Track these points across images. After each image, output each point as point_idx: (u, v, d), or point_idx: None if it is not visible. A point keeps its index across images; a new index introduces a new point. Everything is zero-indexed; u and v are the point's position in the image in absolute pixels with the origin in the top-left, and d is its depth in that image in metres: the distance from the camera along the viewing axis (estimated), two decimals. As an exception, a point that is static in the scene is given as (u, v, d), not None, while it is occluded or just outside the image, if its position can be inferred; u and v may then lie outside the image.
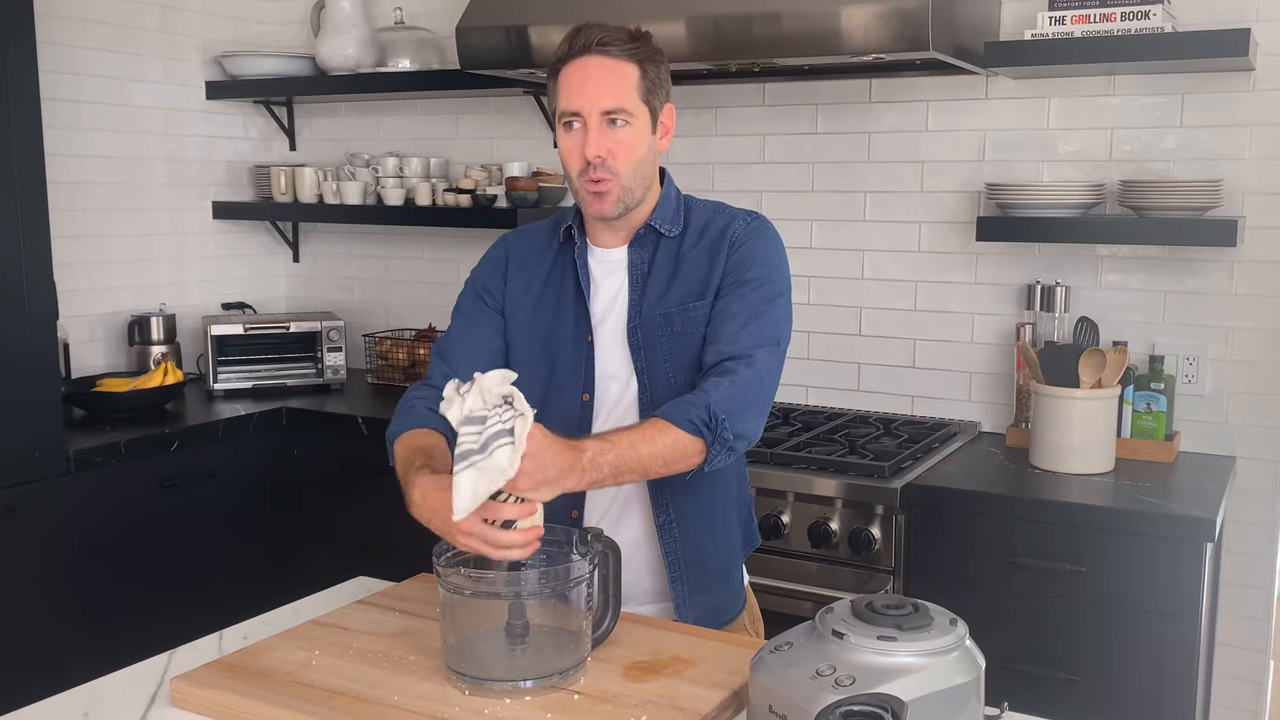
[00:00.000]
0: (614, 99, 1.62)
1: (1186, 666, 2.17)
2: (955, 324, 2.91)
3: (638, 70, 1.64)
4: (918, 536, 2.38)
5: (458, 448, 1.34)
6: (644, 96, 1.65)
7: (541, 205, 3.27)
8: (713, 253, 1.70)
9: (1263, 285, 2.57)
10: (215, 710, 1.35)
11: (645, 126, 1.66)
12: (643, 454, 1.51)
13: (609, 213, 1.67)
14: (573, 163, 1.66)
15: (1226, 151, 2.58)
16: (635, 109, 1.64)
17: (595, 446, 1.47)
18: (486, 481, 1.32)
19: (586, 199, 1.67)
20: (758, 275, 1.68)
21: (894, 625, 1.13)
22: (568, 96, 1.63)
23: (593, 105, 1.62)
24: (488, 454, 1.31)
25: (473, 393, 1.36)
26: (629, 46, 1.64)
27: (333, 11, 3.46)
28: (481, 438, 1.32)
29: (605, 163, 1.63)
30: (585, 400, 1.72)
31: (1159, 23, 2.39)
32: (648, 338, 1.70)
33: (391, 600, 1.67)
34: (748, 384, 1.60)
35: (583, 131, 1.63)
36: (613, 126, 1.63)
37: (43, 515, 2.64)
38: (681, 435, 1.54)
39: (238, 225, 3.78)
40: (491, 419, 1.33)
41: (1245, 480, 2.61)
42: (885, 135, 2.94)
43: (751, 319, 1.65)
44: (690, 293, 1.69)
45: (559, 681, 1.37)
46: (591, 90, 1.62)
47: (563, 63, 1.65)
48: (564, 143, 1.66)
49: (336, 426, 3.13)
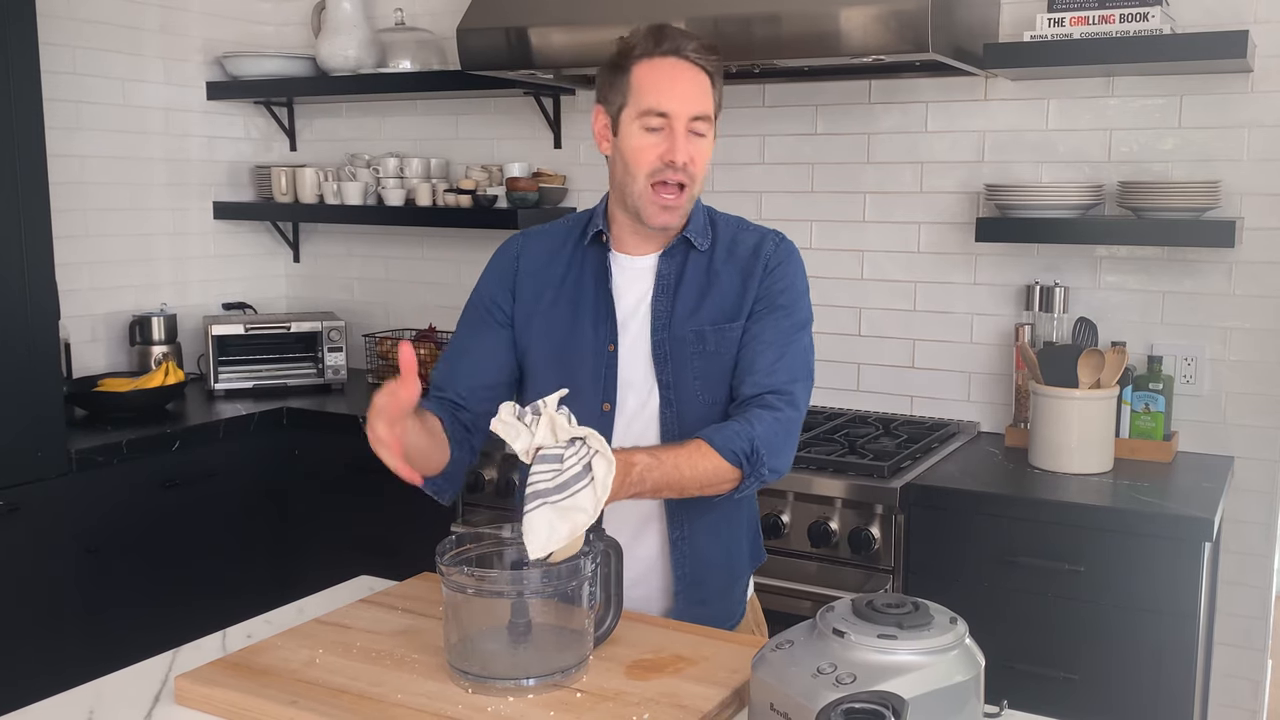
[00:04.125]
0: (702, 106, 1.62)
1: (1184, 665, 2.18)
2: (954, 324, 2.91)
3: (710, 82, 1.64)
4: (917, 536, 2.38)
5: (530, 485, 1.35)
6: (716, 109, 1.66)
7: (542, 206, 3.28)
8: (746, 274, 1.70)
9: (1261, 286, 2.58)
10: (219, 708, 1.36)
11: (712, 140, 1.67)
12: (685, 475, 1.54)
13: (674, 224, 1.66)
14: (646, 163, 1.62)
15: (1225, 153, 2.58)
16: (712, 119, 1.65)
17: (645, 462, 1.49)
18: (567, 524, 1.33)
19: (652, 210, 1.63)
20: (789, 302, 1.69)
21: (894, 624, 1.14)
22: (657, 96, 1.60)
23: (684, 109, 1.60)
24: (568, 494, 1.32)
25: (542, 427, 1.36)
26: (712, 58, 1.63)
27: (333, 12, 3.46)
28: (560, 478, 1.33)
29: (687, 168, 1.61)
30: (606, 410, 1.70)
31: (1157, 24, 2.40)
32: (677, 353, 1.68)
33: (394, 599, 1.67)
34: (790, 423, 1.63)
35: (668, 135, 1.61)
36: (695, 137, 1.62)
37: (44, 515, 2.64)
38: (722, 463, 1.56)
39: (238, 225, 3.79)
40: (568, 458, 1.34)
41: (1243, 480, 2.62)
42: (885, 136, 2.95)
43: (786, 349, 1.67)
44: (724, 313, 1.69)
45: (561, 680, 1.37)
46: (684, 94, 1.60)
47: (642, 59, 1.62)
48: (640, 141, 1.62)
49: (337, 426, 3.14)
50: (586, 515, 1.34)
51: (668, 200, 1.63)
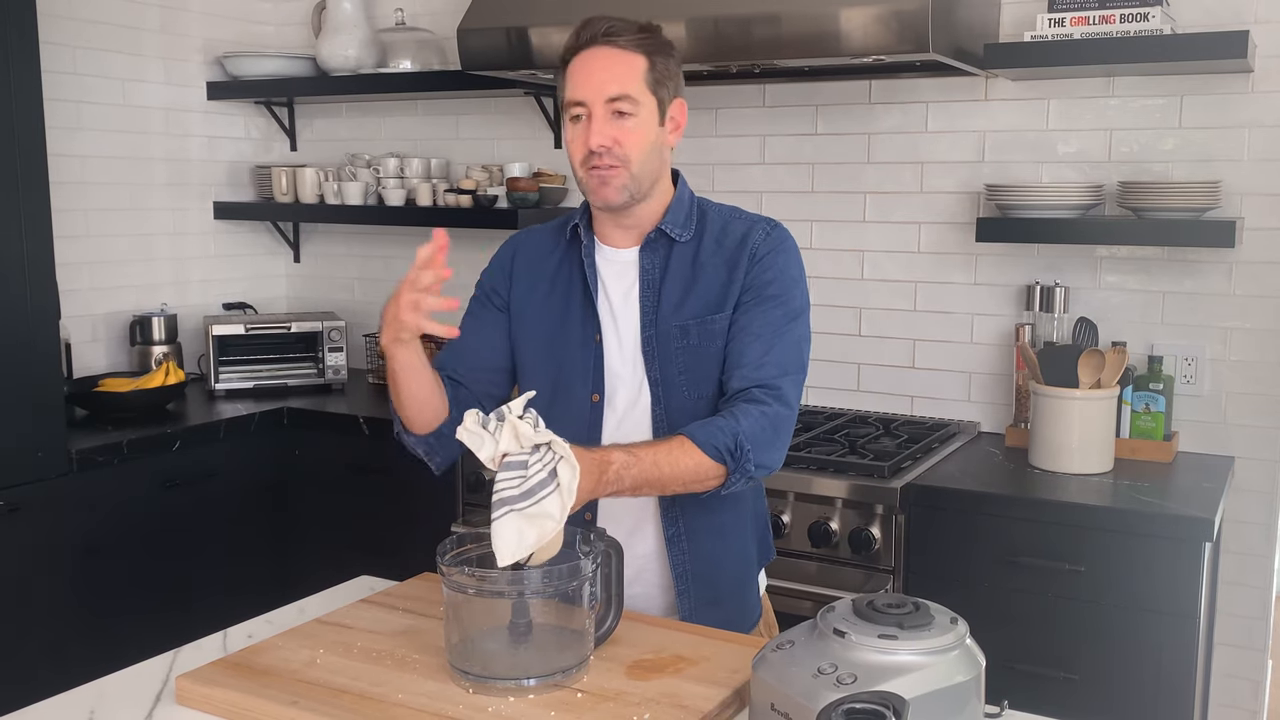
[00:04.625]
0: (618, 86, 1.61)
1: (1185, 665, 2.18)
2: (955, 324, 2.91)
3: (645, 61, 1.63)
4: (917, 536, 2.38)
5: (495, 493, 1.34)
6: (651, 87, 1.63)
7: (542, 206, 3.28)
8: (731, 264, 1.68)
9: (1261, 286, 2.58)
10: (220, 708, 1.36)
11: (652, 116, 1.64)
12: (665, 473, 1.52)
13: (614, 200, 1.65)
14: (576, 152, 1.64)
15: (1225, 153, 2.58)
16: (641, 97, 1.62)
17: (621, 460, 1.48)
18: (534, 530, 1.32)
19: (592, 187, 1.65)
20: (779, 292, 1.67)
21: (895, 624, 1.14)
22: (573, 87, 1.63)
23: (597, 95, 1.61)
24: (533, 501, 1.31)
25: (505, 433, 1.35)
26: (637, 37, 1.63)
27: (334, 12, 3.46)
28: (525, 485, 1.32)
29: (611, 150, 1.62)
30: (595, 401, 1.71)
31: (1158, 25, 2.40)
32: (663, 349, 1.68)
33: (395, 599, 1.67)
34: (777, 418, 1.61)
35: (587, 122, 1.62)
36: (619, 118, 1.62)
37: (44, 515, 2.64)
38: (704, 460, 1.54)
39: (239, 225, 3.79)
40: (533, 464, 1.33)
41: (1243, 480, 2.62)
42: (885, 136, 2.95)
43: (775, 341, 1.64)
44: (708, 305, 1.68)
45: (562, 680, 1.37)
46: (596, 80, 1.61)
47: (571, 54, 1.65)
48: (570, 134, 1.65)
49: (338, 426, 3.14)
50: (554, 521, 1.33)
51: (601, 174, 1.63)
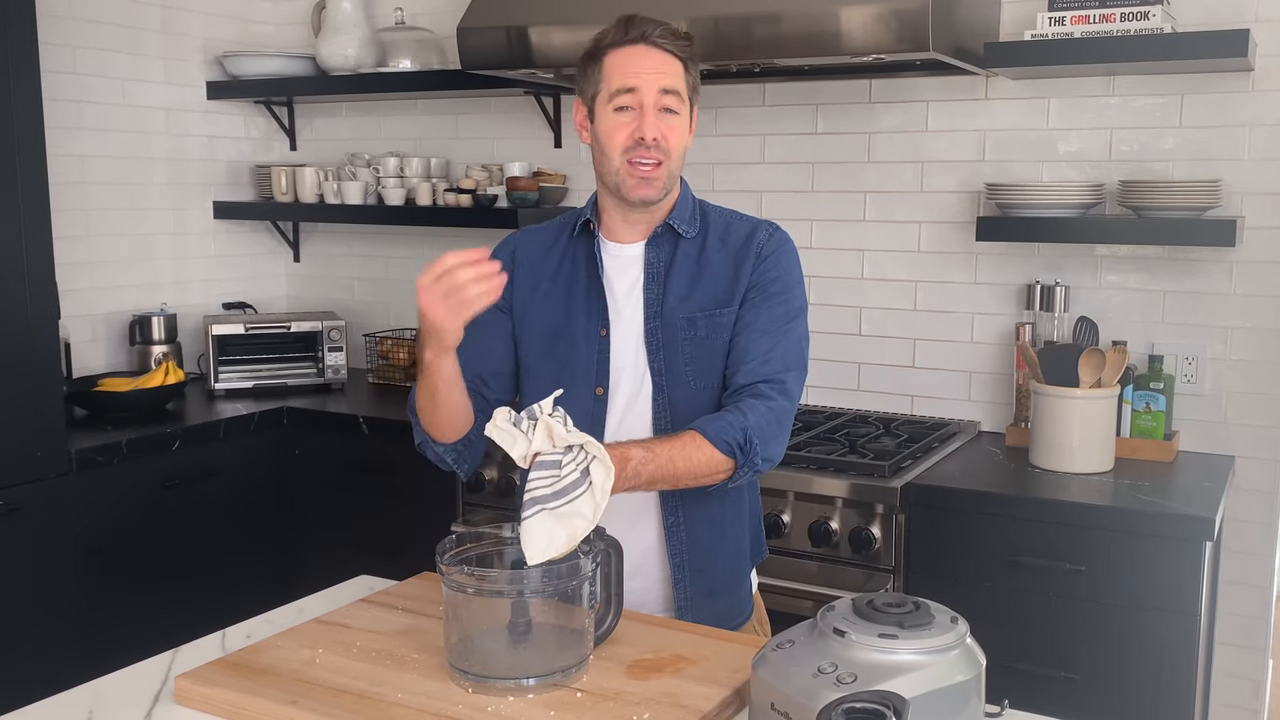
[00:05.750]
0: (672, 81, 1.65)
1: (1185, 665, 2.18)
2: (955, 324, 2.91)
3: (683, 67, 1.67)
4: (918, 535, 2.38)
5: (527, 492, 1.36)
6: (688, 92, 1.68)
7: (542, 205, 3.28)
8: (738, 261, 1.72)
9: (1261, 285, 2.58)
10: (219, 708, 1.36)
11: (687, 120, 1.70)
12: (679, 468, 1.56)
13: (653, 196, 1.68)
14: (619, 141, 1.65)
15: (1225, 152, 2.58)
16: (685, 98, 1.68)
17: (640, 456, 1.50)
18: (565, 530, 1.33)
19: (631, 182, 1.66)
20: (782, 290, 1.71)
21: (895, 623, 1.14)
22: (624, 75, 1.64)
23: (652, 84, 1.64)
24: (566, 500, 1.32)
25: (539, 432, 1.36)
26: (680, 43, 1.67)
27: (333, 12, 3.46)
28: (559, 484, 1.33)
29: (659, 144, 1.64)
30: (599, 394, 1.73)
31: (1158, 23, 2.40)
32: (668, 339, 1.71)
33: (394, 599, 1.67)
34: (782, 412, 1.65)
35: (637, 113, 1.64)
36: (665, 114, 1.65)
37: (44, 514, 2.64)
38: (715, 454, 1.58)
39: (238, 225, 3.79)
40: (566, 464, 1.34)
41: (1244, 479, 2.62)
42: (885, 135, 2.95)
43: (780, 337, 1.68)
44: (715, 299, 1.71)
45: (561, 679, 1.37)
46: (650, 71, 1.64)
47: (612, 48, 1.66)
48: (612, 121, 1.66)
49: (337, 426, 3.14)
50: (586, 521, 1.34)
51: (644, 171, 1.65)
